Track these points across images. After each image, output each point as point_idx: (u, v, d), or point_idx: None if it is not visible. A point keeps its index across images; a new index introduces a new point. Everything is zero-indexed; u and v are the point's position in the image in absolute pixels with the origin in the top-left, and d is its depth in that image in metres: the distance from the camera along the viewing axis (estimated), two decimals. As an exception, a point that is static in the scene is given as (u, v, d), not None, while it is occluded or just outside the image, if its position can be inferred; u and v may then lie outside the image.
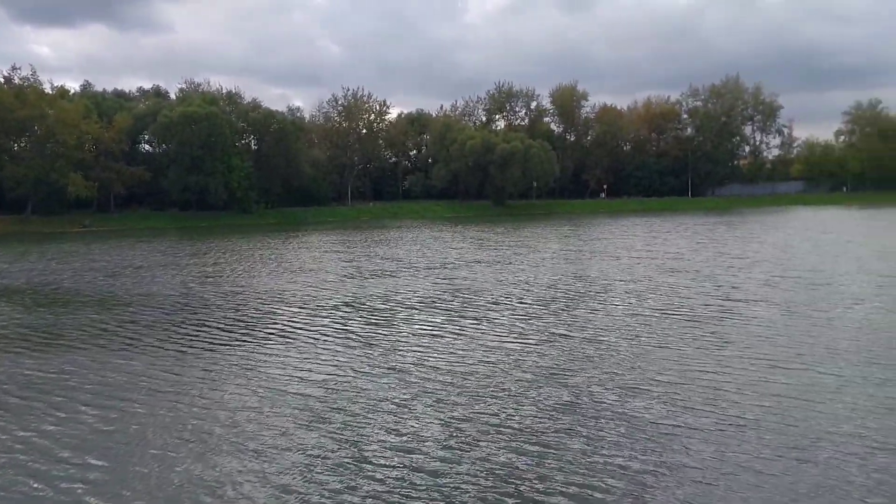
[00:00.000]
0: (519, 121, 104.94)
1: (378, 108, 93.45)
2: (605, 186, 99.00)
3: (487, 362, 12.05)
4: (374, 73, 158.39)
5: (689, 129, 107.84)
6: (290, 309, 18.22)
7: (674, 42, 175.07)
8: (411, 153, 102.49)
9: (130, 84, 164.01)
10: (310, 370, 11.90)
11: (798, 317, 15.28)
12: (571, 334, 14.15)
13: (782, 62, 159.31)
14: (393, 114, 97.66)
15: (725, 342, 13.06)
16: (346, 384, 11.00)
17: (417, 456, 8.07)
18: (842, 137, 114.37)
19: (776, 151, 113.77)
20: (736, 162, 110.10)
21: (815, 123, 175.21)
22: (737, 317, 15.47)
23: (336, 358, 12.72)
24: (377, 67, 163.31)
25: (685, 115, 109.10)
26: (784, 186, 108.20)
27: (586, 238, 41.86)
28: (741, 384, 10.43)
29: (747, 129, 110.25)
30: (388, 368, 11.86)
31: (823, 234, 40.59)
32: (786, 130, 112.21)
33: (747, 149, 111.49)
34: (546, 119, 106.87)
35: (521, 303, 18.14)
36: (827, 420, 8.89)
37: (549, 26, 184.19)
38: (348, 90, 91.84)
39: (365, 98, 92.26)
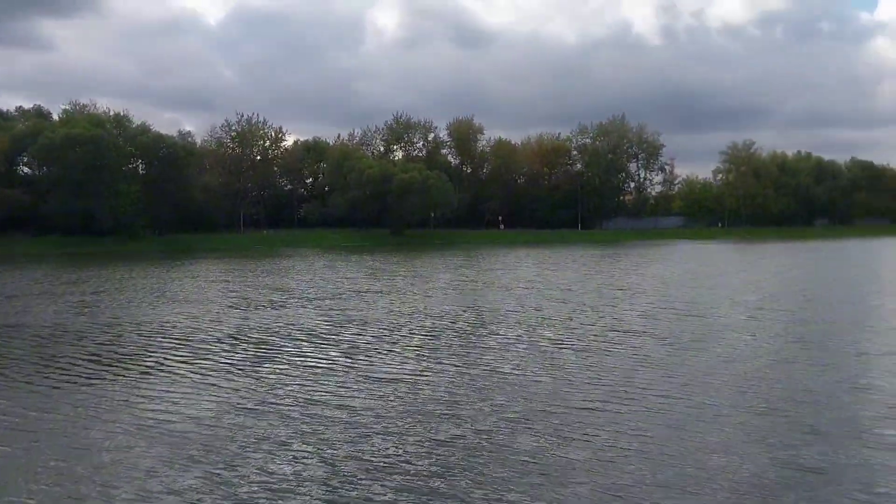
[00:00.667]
0: (417, 152, 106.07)
1: (273, 134, 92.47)
2: (500, 218, 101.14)
3: (374, 397, 11.88)
4: (269, 100, 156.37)
5: (579, 165, 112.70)
6: (169, 342, 17.42)
7: (564, 80, 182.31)
8: (308, 181, 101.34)
9: (8, 103, 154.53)
10: (186, 407, 11.36)
11: (675, 348, 15.92)
12: (460, 366, 14.18)
13: (664, 103, 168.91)
14: (289, 141, 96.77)
15: (607, 373, 13.41)
16: (223, 422, 10.55)
17: (297, 498, 7.81)
18: (719, 176, 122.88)
19: (659, 188, 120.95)
20: (622, 197, 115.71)
21: (695, 162, 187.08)
22: (618, 348, 15.96)
23: (214, 394, 12.20)
24: (273, 94, 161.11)
25: (575, 152, 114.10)
26: (666, 221, 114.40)
27: (480, 268, 42.43)
28: (622, 415, 10.69)
29: (632, 166, 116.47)
30: (269, 405, 11.46)
31: (700, 266, 42.91)
32: (668, 168, 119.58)
33: (632, 185, 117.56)
34: (443, 151, 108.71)
35: (411, 334, 18.08)
36: (701, 451, 9.20)
37: (445, 61, 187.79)
38: (243, 116, 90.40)
39: (260, 124, 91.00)
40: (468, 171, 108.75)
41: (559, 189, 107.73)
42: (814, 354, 15.06)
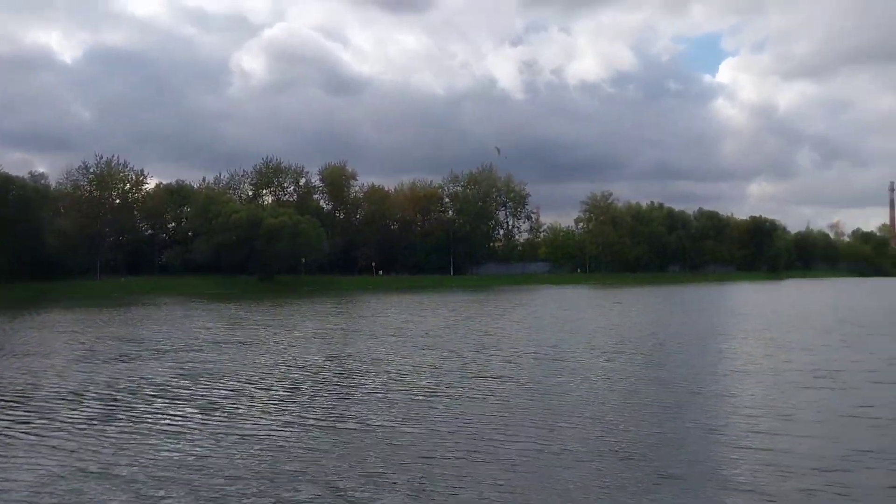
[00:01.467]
0: (288, 196, 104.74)
1: (134, 177, 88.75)
2: (374, 264, 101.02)
3: (228, 457, 11.22)
4: (130, 141, 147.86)
5: (451, 212, 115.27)
6: (3, 400, 15.83)
7: (434, 130, 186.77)
8: (170, 225, 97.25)
9: None
10: (18, 473, 10.31)
11: (536, 393, 16.19)
12: (319, 421, 13.73)
13: (528, 154, 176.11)
14: (151, 184, 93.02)
15: (469, 422, 13.40)
16: (60, 488, 9.62)
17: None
18: (580, 224, 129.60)
19: (526, 235, 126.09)
20: (492, 243, 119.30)
21: (558, 211, 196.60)
22: (481, 395, 16.03)
23: (52, 457, 11.12)
24: (134, 135, 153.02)
25: (447, 199, 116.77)
26: (533, 266, 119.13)
27: (349, 316, 41.95)
28: (484, 465, 10.66)
29: (501, 214, 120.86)
30: (105, 471, 10.51)
31: (561, 311, 44.58)
32: (533, 216, 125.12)
33: (501, 232, 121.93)
34: (315, 196, 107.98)
35: (270, 388, 17.38)
36: (563, 499, 9.29)
37: (315, 106, 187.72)
38: (101, 158, 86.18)
39: (120, 167, 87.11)
40: (341, 216, 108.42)
41: (432, 235, 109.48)
42: (666, 397, 15.73)
